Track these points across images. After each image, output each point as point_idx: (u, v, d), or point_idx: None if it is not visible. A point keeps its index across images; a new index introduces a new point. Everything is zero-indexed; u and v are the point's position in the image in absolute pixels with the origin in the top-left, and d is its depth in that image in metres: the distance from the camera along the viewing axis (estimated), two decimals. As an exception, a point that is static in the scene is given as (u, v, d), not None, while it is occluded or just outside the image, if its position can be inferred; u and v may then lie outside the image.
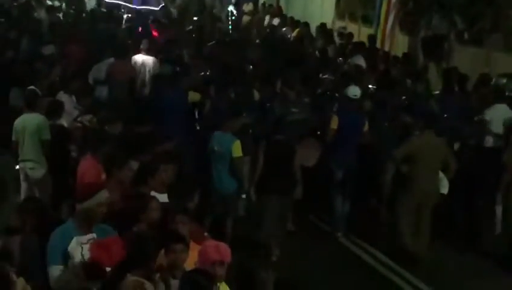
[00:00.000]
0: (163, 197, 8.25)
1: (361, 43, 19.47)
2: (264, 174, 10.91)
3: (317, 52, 18.78)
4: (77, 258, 6.67)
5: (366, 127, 12.06)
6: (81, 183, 8.70)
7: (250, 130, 12.06)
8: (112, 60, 14.86)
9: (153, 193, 8.25)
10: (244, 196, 11.10)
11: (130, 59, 15.21)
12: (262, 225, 10.98)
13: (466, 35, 18.40)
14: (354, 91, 12.13)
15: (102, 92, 14.33)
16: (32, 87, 12.35)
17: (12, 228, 7.50)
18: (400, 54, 18.61)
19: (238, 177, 10.87)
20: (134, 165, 8.96)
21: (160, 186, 8.50)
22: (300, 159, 11.20)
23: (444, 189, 11.31)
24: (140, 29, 20.01)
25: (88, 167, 9.19)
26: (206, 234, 7.92)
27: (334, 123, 11.88)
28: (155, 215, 7.60)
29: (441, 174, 11.28)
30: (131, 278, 6.19)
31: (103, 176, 8.66)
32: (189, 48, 17.64)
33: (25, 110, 11.34)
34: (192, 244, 6.93)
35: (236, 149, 10.69)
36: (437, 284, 10.75)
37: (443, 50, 18.51)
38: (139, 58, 15.32)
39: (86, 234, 6.84)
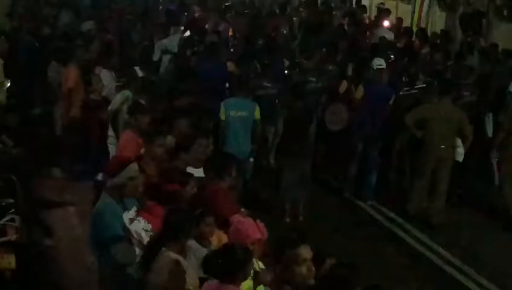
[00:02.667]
0: (199, 172, 8.29)
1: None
2: (283, 141, 11.45)
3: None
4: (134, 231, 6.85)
5: (392, 100, 12.28)
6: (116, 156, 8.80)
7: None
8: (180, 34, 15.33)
9: (189, 168, 8.30)
10: (251, 159, 11.44)
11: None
12: (282, 188, 11.58)
13: (505, 12, 18.17)
14: (379, 62, 12.40)
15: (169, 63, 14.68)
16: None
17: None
18: (438, 31, 18.47)
19: (254, 140, 11.28)
20: (171, 140, 9.00)
21: (196, 161, 8.54)
22: (328, 124, 11.87)
23: (459, 157, 11.56)
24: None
25: (127, 140, 9.27)
26: (242, 209, 7.91)
27: (359, 93, 12.23)
28: (192, 191, 7.66)
29: (459, 142, 11.51)
30: (166, 254, 6.20)
31: (142, 150, 8.70)
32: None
33: None
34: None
35: (257, 113, 11.15)
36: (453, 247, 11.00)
37: (481, 26, 18.31)
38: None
39: None
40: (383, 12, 19.35)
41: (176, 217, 6.50)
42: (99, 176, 8.88)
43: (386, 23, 18.78)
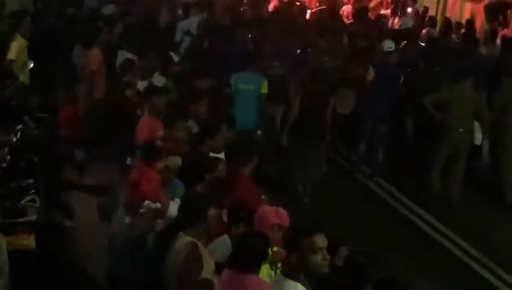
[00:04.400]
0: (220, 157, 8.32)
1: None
2: (298, 121, 11.61)
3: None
4: None
5: (401, 81, 12.64)
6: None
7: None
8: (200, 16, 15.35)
9: (211, 154, 8.33)
10: (259, 132, 11.57)
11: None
12: (293, 169, 11.87)
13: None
14: (389, 44, 12.73)
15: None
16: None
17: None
18: (463, 21, 18.37)
19: (259, 113, 11.55)
20: (192, 124, 9.03)
21: (218, 146, 8.56)
22: (337, 107, 11.98)
23: (477, 140, 11.80)
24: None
25: (143, 124, 9.30)
26: (263, 196, 7.91)
27: (370, 75, 12.53)
28: (220, 176, 7.68)
29: (477, 125, 11.68)
30: (184, 238, 6.21)
31: (160, 133, 8.73)
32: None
33: None
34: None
35: (264, 87, 11.50)
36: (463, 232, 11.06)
37: (507, 16, 18.19)
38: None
39: None
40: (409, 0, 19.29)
41: (193, 203, 6.53)
42: (128, 160, 8.97)
43: (409, 10, 18.76)
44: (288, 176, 11.89)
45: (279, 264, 6.17)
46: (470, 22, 17.81)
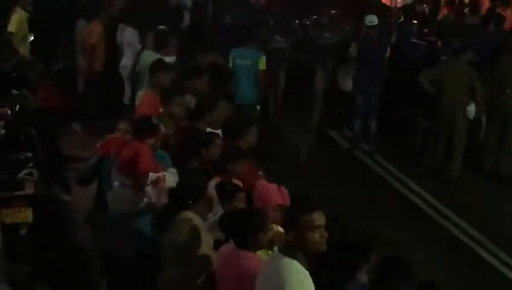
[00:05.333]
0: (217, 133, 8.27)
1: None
2: (286, 92, 12.00)
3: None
4: None
5: (387, 54, 12.79)
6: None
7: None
8: None
9: (208, 129, 8.28)
10: (258, 107, 11.65)
11: None
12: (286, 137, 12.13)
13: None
14: (371, 18, 12.70)
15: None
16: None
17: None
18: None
19: (258, 89, 11.51)
20: (190, 99, 8.97)
21: (216, 122, 8.51)
22: (340, 84, 12.64)
23: (470, 114, 11.84)
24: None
25: (146, 98, 9.23)
26: (260, 173, 7.86)
27: (353, 50, 12.70)
28: (217, 152, 7.64)
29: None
30: (185, 214, 6.13)
31: (160, 109, 8.66)
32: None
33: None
34: None
35: (262, 63, 11.41)
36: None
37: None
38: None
39: None
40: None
41: (191, 179, 6.49)
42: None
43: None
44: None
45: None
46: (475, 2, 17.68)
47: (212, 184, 6.83)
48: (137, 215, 6.96)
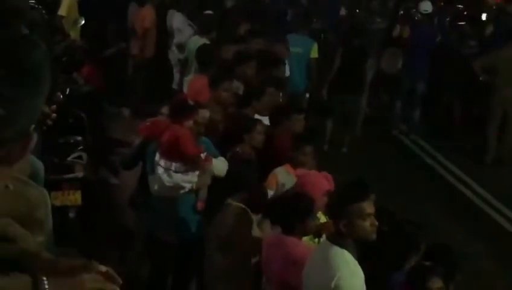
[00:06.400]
0: (265, 121, 8.23)
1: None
2: (336, 76, 11.93)
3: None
4: None
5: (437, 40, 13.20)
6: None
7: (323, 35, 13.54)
8: None
9: (256, 116, 8.24)
10: (307, 95, 11.68)
11: None
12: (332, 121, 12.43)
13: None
14: (426, 6, 13.25)
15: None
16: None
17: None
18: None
19: (310, 77, 11.51)
20: (238, 85, 8.92)
21: (264, 109, 8.46)
22: (384, 67, 12.97)
23: None
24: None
25: (196, 85, 9.21)
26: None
27: (406, 33, 13.18)
28: (259, 138, 7.61)
29: None
30: (233, 204, 6.11)
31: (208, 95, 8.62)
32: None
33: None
34: None
35: (314, 51, 11.41)
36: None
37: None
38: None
39: None
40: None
41: (238, 168, 6.48)
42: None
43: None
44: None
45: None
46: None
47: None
48: (180, 199, 6.95)
